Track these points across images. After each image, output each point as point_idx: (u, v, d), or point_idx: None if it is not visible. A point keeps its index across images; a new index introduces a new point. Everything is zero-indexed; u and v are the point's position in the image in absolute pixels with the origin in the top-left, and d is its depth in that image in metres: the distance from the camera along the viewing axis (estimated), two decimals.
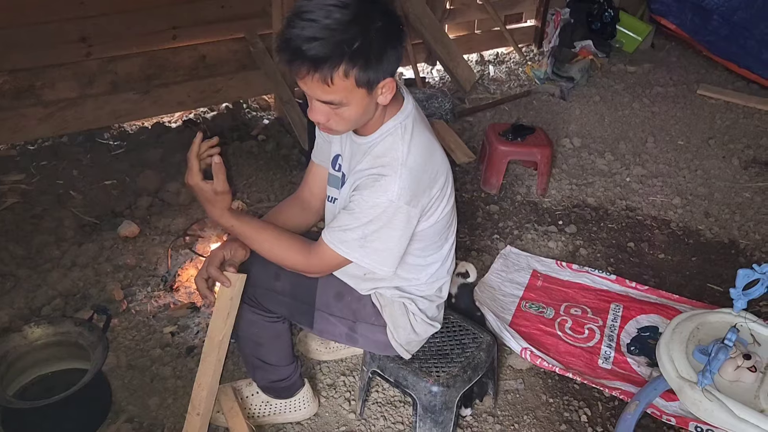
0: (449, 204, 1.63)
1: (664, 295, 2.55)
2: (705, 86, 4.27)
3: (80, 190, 3.01)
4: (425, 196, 1.51)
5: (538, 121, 3.78)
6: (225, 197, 1.52)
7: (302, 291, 1.71)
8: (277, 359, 1.86)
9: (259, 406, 1.97)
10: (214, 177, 1.49)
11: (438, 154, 1.56)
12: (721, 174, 3.41)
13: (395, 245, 1.52)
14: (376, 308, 1.73)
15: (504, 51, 4.77)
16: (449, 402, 1.79)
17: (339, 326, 1.75)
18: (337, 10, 1.30)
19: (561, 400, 2.11)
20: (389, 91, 1.43)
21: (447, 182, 1.59)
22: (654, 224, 3.01)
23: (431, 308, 1.78)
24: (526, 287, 2.57)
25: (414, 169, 1.47)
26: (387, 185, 1.45)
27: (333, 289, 1.72)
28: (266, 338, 1.79)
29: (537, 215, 3.03)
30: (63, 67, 3.20)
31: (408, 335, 1.75)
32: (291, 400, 1.97)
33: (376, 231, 1.48)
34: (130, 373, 2.12)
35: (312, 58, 1.30)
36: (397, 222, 1.48)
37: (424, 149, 1.51)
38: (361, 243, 1.49)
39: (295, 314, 1.76)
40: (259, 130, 3.57)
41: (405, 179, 1.45)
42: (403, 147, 1.48)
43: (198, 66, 3.58)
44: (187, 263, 2.55)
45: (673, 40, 4.87)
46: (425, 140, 1.53)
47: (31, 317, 2.29)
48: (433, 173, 1.53)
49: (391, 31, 1.36)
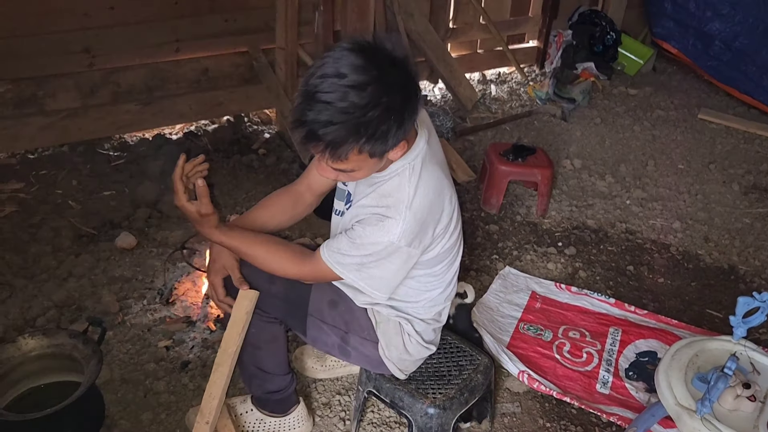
0: (453, 237, 1.63)
1: (663, 320, 2.54)
2: (706, 111, 4.28)
3: (79, 201, 3.00)
4: (428, 237, 1.52)
5: (538, 142, 3.79)
6: (210, 218, 1.53)
7: (296, 295, 1.71)
8: (274, 366, 1.84)
9: (252, 423, 1.95)
10: (198, 199, 1.50)
11: (446, 193, 1.55)
12: (721, 199, 3.41)
13: (391, 277, 1.54)
14: (370, 322, 1.73)
15: (506, 71, 4.79)
16: (445, 425, 1.77)
17: (331, 336, 1.74)
18: (354, 93, 1.25)
19: (558, 425, 2.09)
20: (401, 149, 1.43)
21: (452, 220, 1.59)
22: (654, 248, 3.01)
23: (428, 331, 1.76)
24: (524, 309, 2.56)
25: (418, 211, 1.47)
26: (390, 227, 1.45)
27: (327, 297, 1.72)
28: (263, 341, 1.78)
29: (536, 236, 3.03)
30: (65, 77, 3.20)
31: (400, 354, 1.73)
32: (285, 419, 1.95)
33: (374, 262, 1.50)
34: (123, 387, 2.10)
35: (329, 142, 1.29)
36: (395, 259, 1.50)
37: (431, 191, 1.50)
38: (358, 267, 1.51)
39: (288, 318, 1.76)
40: (259, 144, 3.57)
41: (408, 222, 1.46)
42: (409, 189, 1.47)
43: (200, 79, 3.58)
44: (183, 277, 2.53)
45: (674, 64, 4.90)
46: (434, 181, 1.51)
47: (26, 327, 2.27)
48: (438, 214, 1.53)
49: (410, 102, 1.33)
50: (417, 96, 1.35)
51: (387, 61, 1.30)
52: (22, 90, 3.12)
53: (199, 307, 2.40)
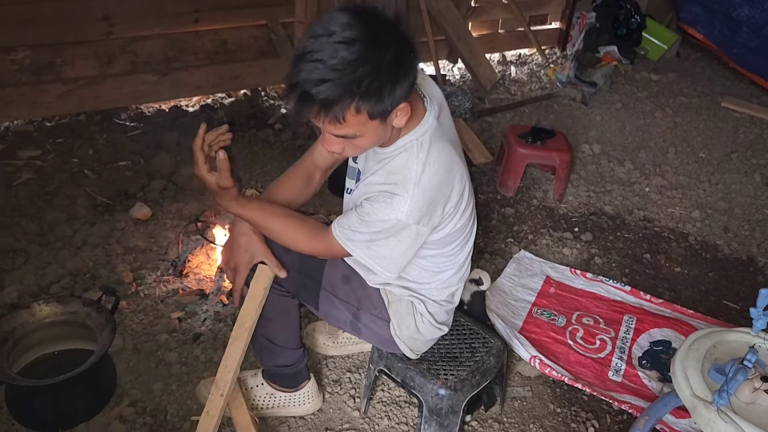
0: (464, 216, 1.60)
1: (679, 309, 2.51)
2: (730, 99, 4.20)
3: (95, 170, 3.00)
4: (437, 215, 1.49)
5: (558, 125, 3.73)
6: (230, 191, 1.52)
7: (310, 268, 1.70)
8: (284, 340, 1.85)
9: (263, 397, 1.95)
10: (219, 172, 1.48)
11: (456, 171, 1.51)
12: (742, 189, 3.35)
13: (400, 256, 1.52)
14: (382, 301, 1.72)
15: (527, 52, 4.73)
16: (456, 406, 1.76)
17: (343, 311, 1.73)
18: (343, 48, 1.23)
19: (568, 411, 2.08)
20: (404, 114, 1.39)
21: (462, 198, 1.55)
22: (671, 237, 2.97)
23: (440, 312, 1.75)
24: (538, 293, 2.53)
25: (427, 189, 1.44)
26: (398, 205, 1.43)
27: (340, 272, 1.71)
28: (275, 313, 1.78)
29: (553, 221, 3.00)
30: (84, 44, 3.19)
31: (411, 334, 1.72)
32: (295, 394, 1.95)
33: (383, 239, 1.48)
34: (135, 357, 2.11)
35: (322, 101, 1.26)
36: (404, 237, 1.48)
37: (441, 167, 1.46)
38: (367, 245, 1.50)
39: (301, 291, 1.75)
40: (276, 119, 3.55)
41: (416, 200, 1.43)
42: (417, 166, 1.44)
43: (218, 51, 3.56)
44: (197, 249, 2.53)
45: (699, 50, 4.80)
46: (443, 157, 1.48)
47: (40, 294, 2.28)
48: (448, 191, 1.49)
49: (403, 59, 1.30)
50: (411, 55, 1.32)
51: (377, 19, 1.30)
52: (41, 57, 3.11)
53: (212, 280, 2.40)
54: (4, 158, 2.94)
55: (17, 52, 3.03)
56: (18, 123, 3.27)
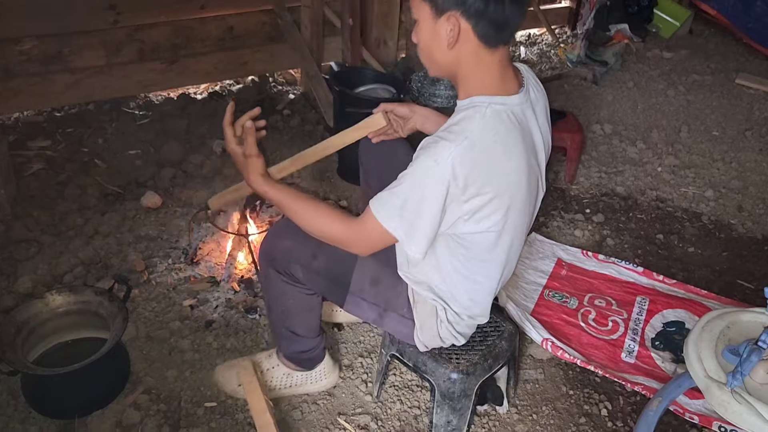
0: (504, 224, 1.46)
1: (692, 290, 2.49)
2: (744, 75, 4.14)
3: (104, 159, 3.01)
4: (473, 187, 1.36)
5: (568, 106, 3.70)
6: (254, 161, 1.53)
7: (338, 272, 1.67)
8: (306, 331, 1.86)
9: (279, 378, 1.97)
10: (244, 141, 1.50)
11: (511, 168, 1.40)
12: (757, 167, 3.30)
13: (428, 224, 1.39)
14: (408, 302, 1.69)
15: (536, 32, 4.67)
16: (468, 390, 1.76)
17: (369, 312, 1.72)
18: None
19: (581, 393, 2.07)
20: (453, 28, 1.34)
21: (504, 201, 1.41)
22: (684, 216, 2.94)
23: (460, 324, 1.68)
24: (549, 276, 2.52)
25: (477, 146, 1.34)
26: (440, 149, 1.33)
27: (370, 274, 1.68)
28: (298, 310, 1.79)
29: (564, 202, 2.97)
30: (90, 34, 3.18)
31: (432, 338, 1.69)
32: (311, 372, 1.97)
33: (416, 201, 1.37)
34: (148, 345, 2.12)
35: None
36: (435, 195, 1.35)
37: (500, 145, 1.37)
38: (400, 212, 1.39)
39: (327, 293, 1.75)
40: (284, 105, 3.54)
41: (462, 150, 1.32)
42: (478, 122, 1.35)
43: (225, 37, 3.54)
44: (208, 237, 2.53)
45: (712, 26, 4.72)
46: (511, 142, 1.39)
47: (54, 284, 2.30)
48: (497, 173, 1.38)
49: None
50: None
51: None
52: (48, 47, 3.10)
53: (223, 268, 2.41)
54: (14, 149, 2.95)
55: (24, 43, 3.03)
56: (27, 113, 3.28)
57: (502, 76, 1.42)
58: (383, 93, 2.92)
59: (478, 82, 1.41)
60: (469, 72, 1.41)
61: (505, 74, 1.43)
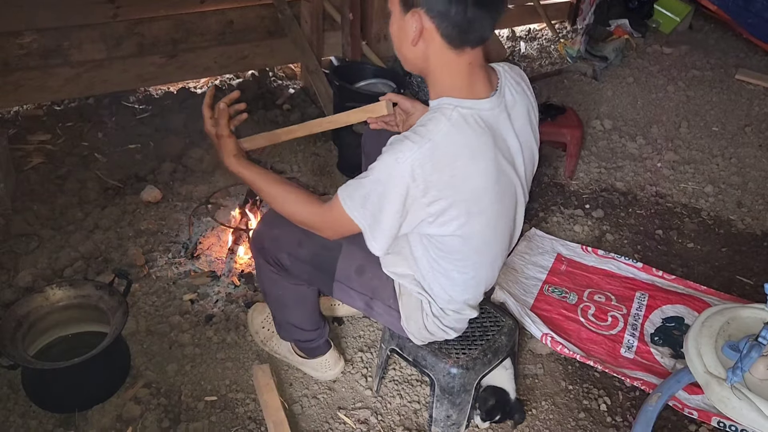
0: (471, 230, 1.45)
1: (692, 285, 2.50)
2: (744, 71, 4.13)
3: (104, 153, 3.01)
4: (435, 190, 1.35)
5: (568, 101, 3.69)
6: (226, 141, 1.58)
7: (323, 261, 1.69)
8: (300, 322, 1.89)
9: (283, 349, 2.06)
10: (217, 122, 1.57)
11: (479, 180, 1.39)
12: (756, 163, 3.31)
13: (388, 222, 1.39)
14: (394, 292, 1.69)
15: (536, 27, 4.66)
16: (468, 384, 1.76)
17: (357, 300, 1.74)
18: None
19: (580, 388, 2.08)
20: (417, 25, 1.33)
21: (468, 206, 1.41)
22: (684, 212, 2.94)
23: (446, 318, 1.67)
24: (549, 271, 2.53)
25: (441, 148, 1.33)
26: (404, 149, 1.33)
27: (355, 263, 1.69)
28: (290, 300, 1.82)
29: (563, 198, 2.97)
30: (90, 27, 3.17)
31: (420, 330, 1.69)
32: (312, 361, 2.01)
33: (378, 196, 1.37)
34: (149, 339, 2.13)
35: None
36: (394, 194, 1.35)
37: (467, 149, 1.36)
38: (362, 202, 1.39)
39: (314, 281, 1.76)
40: (284, 99, 3.53)
41: (424, 152, 1.32)
42: (444, 125, 1.34)
43: (225, 31, 3.53)
44: (208, 231, 2.54)
45: (712, 21, 4.71)
46: (477, 145, 1.37)
47: (54, 278, 2.30)
48: (460, 177, 1.37)
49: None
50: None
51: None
52: (48, 41, 3.09)
53: (223, 262, 2.41)
54: (14, 143, 2.95)
55: (24, 36, 3.02)
56: (27, 107, 3.27)
57: (470, 80, 1.40)
58: (383, 88, 2.91)
59: (446, 83, 1.41)
60: (437, 71, 1.41)
61: (475, 77, 1.40)
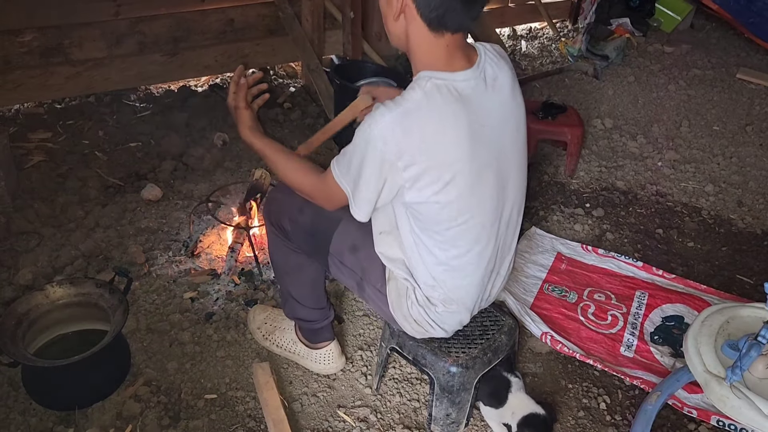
0: (447, 197, 1.45)
1: (692, 284, 2.50)
2: (745, 70, 4.13)
3: (105, 151, 3.01)
4: (408, 155, 1.38)
5: (569, 100, 3.69)
6: (242, 113, 1.68)
7: (320, 230, 1.73)
8: (301, 296, 1.91)
9: (287, 341, 2.07)
10: (236, 95, 1.67)
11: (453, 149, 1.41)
12: (757, 162, 3.31)
13: (366, 186, 1.44)
14: (384, 277, 1.70)
15: (538, 26, 4.66)
16: (467, 383, 1.77)
17: (349, 278, 1.77)
18: None
19: (580, 386, 2.08)
20: (399, 5, 1.41)
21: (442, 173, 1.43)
22: (684, 211, 2.94)
23: (432, 310, 1.65)
24: (549, 270, 2.53)
25: (412, 113, 1.37)
26: (378, 115, 1.38)
27: (350, 240, 1.71)
28: (290, 267, 1.87)
29: (564, 196, 2.97)
30: (91, 26, 3.17)
31: (405, 317, 1.68)
32: (315, 351, 2.02)
33: (358, 160, 1.43)
34: (149, 337, 2.13)
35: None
36: (370, 157, 1.40)
37: (436, 114, 1.39)
38: (347, 168, 1.46)
39: (311, 252, 1.80)
40: (285, 98, 3.53)
41: (394, 116, 1.37)
42: (418, 92, 1.39)
43: (226, 30, 3.53)
44: (208, 230, 2.54)
45: (714, 20, 4.71)
46: (449, 113, 1.40)
47: (54, 276, 2.30)
48: (432, 143, 1.40)
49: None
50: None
51: None
52: (48, 39, 3.10)
53: (223, 261, 2.41)
54: (15, 141, 2.95)
55: (25, 35, 3.03)
56: (28, 105, 3.27)
57: (448, 59, 1.45)
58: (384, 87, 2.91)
59: (424, 60, 1.46)
60: (417, 49, 1.47)
61: (453, 56, 1.45)
